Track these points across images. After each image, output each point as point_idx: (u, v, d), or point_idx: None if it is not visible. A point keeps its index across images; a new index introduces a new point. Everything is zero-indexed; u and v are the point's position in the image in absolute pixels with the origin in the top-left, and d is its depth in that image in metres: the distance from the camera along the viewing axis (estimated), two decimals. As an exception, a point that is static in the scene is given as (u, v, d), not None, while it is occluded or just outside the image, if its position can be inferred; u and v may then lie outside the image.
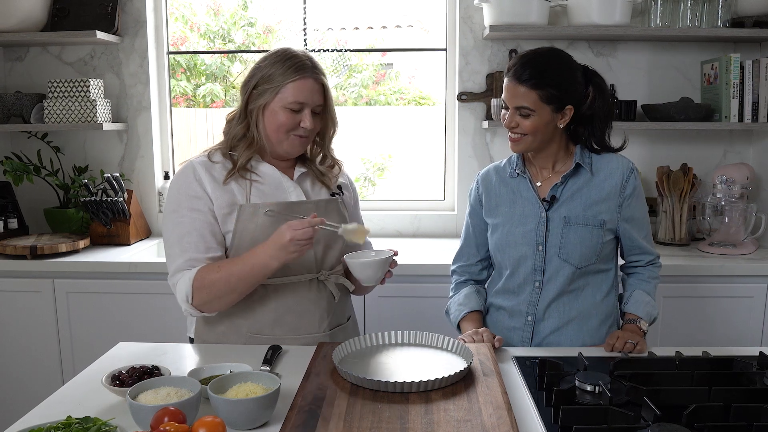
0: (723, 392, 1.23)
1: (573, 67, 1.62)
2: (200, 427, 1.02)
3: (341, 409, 1.17)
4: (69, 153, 2.98)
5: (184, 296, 1.49)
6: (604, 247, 1.65)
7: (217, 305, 1.52)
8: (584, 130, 1.67)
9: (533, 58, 1.59)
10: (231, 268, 1.47)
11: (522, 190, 1.70)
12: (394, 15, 4.42)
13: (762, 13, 2.65)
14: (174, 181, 1.58)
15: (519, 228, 1.67)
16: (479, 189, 1.79)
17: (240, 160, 1.57)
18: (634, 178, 1.65)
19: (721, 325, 2.45)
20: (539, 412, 1.20)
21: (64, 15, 2.82)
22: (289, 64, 1.52)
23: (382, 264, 1.51)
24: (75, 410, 1.18)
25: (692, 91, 2.86)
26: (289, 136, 1.56)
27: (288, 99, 1.52)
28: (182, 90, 4.24)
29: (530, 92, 1.56)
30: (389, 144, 4.04)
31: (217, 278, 1.47)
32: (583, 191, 1.65)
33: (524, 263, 1.67)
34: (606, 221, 1.63)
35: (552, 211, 1.65)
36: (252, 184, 1.58)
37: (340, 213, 1.67)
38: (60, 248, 2.57)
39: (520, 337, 1.69)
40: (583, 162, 1.65)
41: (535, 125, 1.59)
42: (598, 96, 1.63)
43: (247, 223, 1.54)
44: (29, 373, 2.56)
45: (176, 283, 1.52)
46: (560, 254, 1.63)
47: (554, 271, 1.64)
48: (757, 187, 2.82)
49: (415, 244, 2.86)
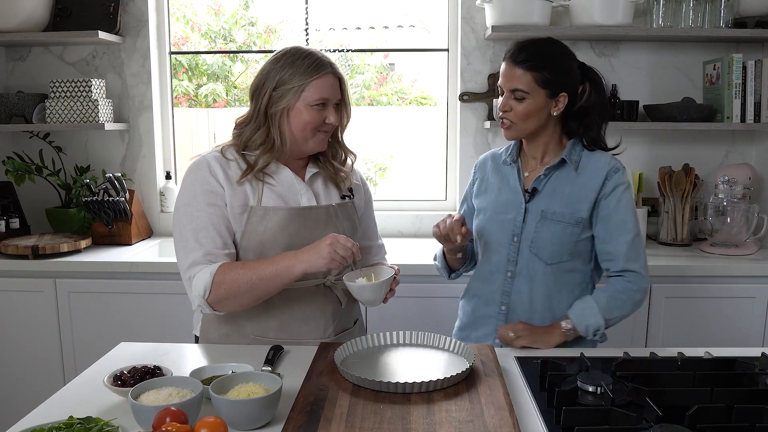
0: (725, 393, 1.23)
1: (569, 55, 1.62)
2: (202, 428, 1.02)
3: (343, 410, 1.17)
4: (71, 153, 2.98)
5: (202, 290, 1.46)
6: (578, 246, 1.62)
7: (233, 304, 1.50)
8: (579, 125, 1.65)
9: (530, 43, 1.60)
10: (256, 267, 1.46)
11: (510, 179, 1.70)
12: (395, 15, 4.42)
13: (764, 13, 2.64)
14: (188, 174, 1.56)
15: (500, 216, 1.67)
16: (475, 174, 1.82)
17: (259, 163, 1.55)
18: (618, 177, 1.61)
19: (723, 326, 2.45)
20: (541, 412, 1.20)
21: (66, 15, 2.83)
22: (308, 63, 1.51)
23: (381, 287, 1.48)
24: (77, 410, 1.18)
25: (694, 91, 2.86)
26: (315, 133, 1.56)
27: (312, 97, 1.51)
28: (184, 90, 4.24)
29: (525, 74, 1.56)
30: (391, 144, 4.04)
31: (239, 275, 1.45)
32: (565, 187, 1.63)
33: (498, 252, 1.67)
34: (583, 219, 1.60)
35: (532, 203, 1.64)
36: (264, 186, 1.56)
37: (350, 216, 1.66)
38: (62, 248, 2.57)
39: (494, 324, 1.68)
40: (570, 158, 1.63)
41: (527, 109, 1.58)
42: (594, 91, 1.63)
43: (256, 225, 1.53)
44: (31, 373, 2.56)
45: (193, 276, 1.47)
46: (531, 248, 1.62)
47: (525, 264, 1.64)
48: (759, 187, 2.82)
49: (416, 244, 2.86)
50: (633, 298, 1.61)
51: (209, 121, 3.98)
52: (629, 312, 1.63)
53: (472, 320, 1.74)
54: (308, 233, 1.55)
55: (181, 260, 1.51)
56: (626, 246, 1.60)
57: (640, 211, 2.68)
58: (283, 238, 1.54)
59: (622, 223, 1.60)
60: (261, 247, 1.53)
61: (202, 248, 1.48)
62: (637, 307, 1.63)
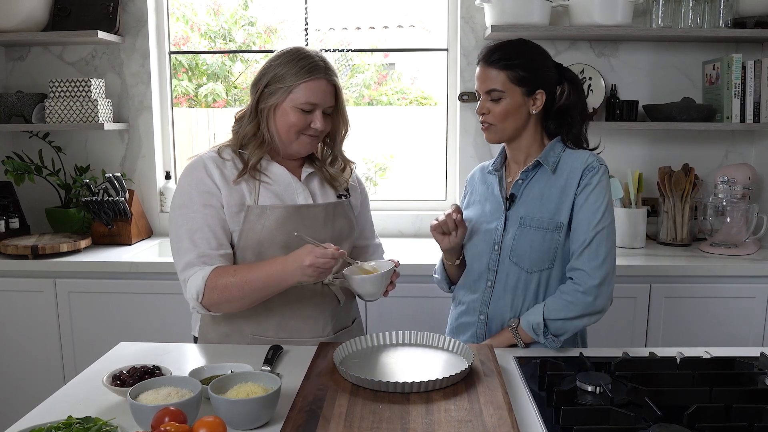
0: (724, 393, 1.22)
1: (542, 53, 1.61)
2: (201, 427, 1.02)
3: (342, 410, 1.17)
4: (70, 153, 2.98)
5: (195, 294, 1.47)
6: (560, 252, 1.56)
7: (227, 308, 1.51)
8: (560, 125, 1.63)
9: (502, 44, 1.59)
10: (246, 276, 1.45)
11: (494, 188, 1.68)
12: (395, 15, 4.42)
13: (764, 13, 2.64)
14: (184, 175, 1.56)
15: (483, 225, 1.65)
16: (466, 188, 1.82)
17: (251, 159, 1.55)
18: (591, 176, 1.53)
19: (723, 326, 2.45)
20: (540, 412, 1.19)
21: (66, 15, 2.83)
22: (302, 65, 1.50)
23: (382, 279, 1.48)
24: (76, 410, 1.18)
25: (694, 91, 2.86)
26: (300, 136, 1.55)
27: (300, 99, 1.51)
28: (184, 90, 4.24)
29: (500, 73, 1.55)
30: (391, 144, 4.04)
31: (231, 282, 1.45)
32: (544, 191, 1.58)
33: (479, 260, 1.65)
34: (563, 224, 1.55)
35: (511, 210, 1.62)
36: (261, 185, 1.56)
37: (346, 216, 1.66)
38: (61, 248, 2.57)
39: (474, 333, 1.67)
40: (546, 159, 1.58)
41: (505, 110, 1.56)
42: (573, 90, 1.61)
43: (253, 224, 1.54)
44: (30, 372, 2.57)
45: (187, 279, 1.49)
46: (511, 256, 1.58)
47: (504, 273, 1.60)
48: (758, 187, 2.82)
49: (416, 244, 2.87)
50: (579, 300, 1.50)
51: (209, 121, 3.98)
52: (580, 314, 1.51)
53: (455, 327, 1.74)
54: (306, 231, 1.55)
55: (176, 261, 1.52)
56: (579, 245, 1.53)
57: (639, 211, 2.69)
58: (281, 236, 1.54)
59: (584, 221, 1.53)
60: (259, 245, 1.53)
61: (196, 249, 1.49)
62: (590, 310, 1.51)
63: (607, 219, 1.54)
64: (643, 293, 2.43)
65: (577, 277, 1.53)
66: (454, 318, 1.75)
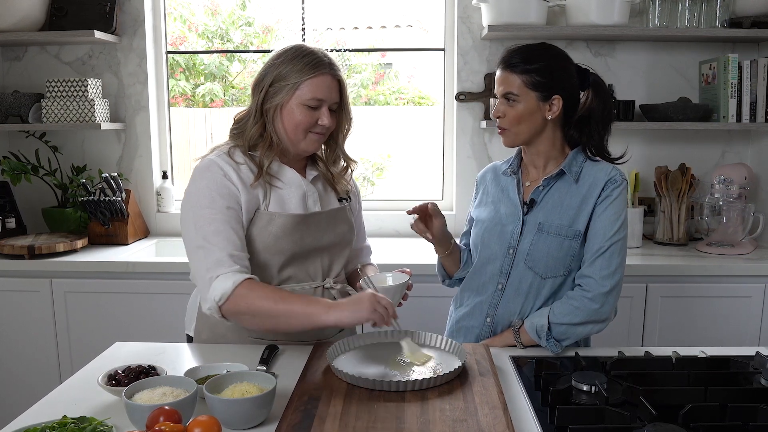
0: (719, 392, 1.23)
1: (564, 57, 1.59)
2: (196, 427, 1.02)
3: (337, 409, 1.17)
4: (67, 152, 2.98)
5: (219, 295, 1.38)
6: (576, 260, 1.57)
7: (246, 321, 1.46)
8: (581, 133, 1.61)
9: (522, 48, 1.58)
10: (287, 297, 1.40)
11: (509, 190, 1.67)
12: (393, 15, 4.43)
13: (760, 13, 2.65)
14: (200, 177, 1.50)
15: (498, 227, 1.64)
16: (477, 187, 1.79)
17: (264, 164, 1.52)
18: (612, 189, 1.55)
19: (719, 325, 2.45)
20: (535, 411, 1.20)
21: (63, 14, 2.82)
22: (306, 61, 1.48)
23: (398, 289, 1.50)
24: (71, 410, 1.18)
25: (690, 91, 2.86)
26: (308, 134, 1.53)
27: (306, 96, 1.49)
28: (181, 90, 4.24)
29: (517, 78, 1.54)
30: (388, 144, 4.04)
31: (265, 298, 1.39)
32: (564, 199, 1.58)
33: (492, 263, 1.64)
34: (580, 233, 1.55)
35: (529, 215, 1.61)
36: (272, 189, 1.54)
37: (347, 220, 1.66)
38: (58, 248, 2.56)
39: (477, 336, 1.66)
40: (570, 169, 1.58)
41: (519, 114, 1.55)
42: (596, 97, 1.59)
43: (261, 230, 1.51)
44: (27, 372, 2.56)
45: (215, 277, 1.39)
46: (526, 261, 1.58)
47: (518, 277, 1.60)
48: (755, 187, 2.82)
49: (413, 244, 2.86)
50: (586, 306, 1.52)
51: (206, 121, 3.98)
52: (585, 321, 1.52)
53: (455, 329, 1.73)
54: (311, 239, 1.54)
55: (200, 261, 1.43)
56: (593, 254, 1.54)
57: (636, 210, 2.70)
58: (287, 244, 1.52)
59: (600, 230, 1.54)
60: (264, 251, 1.51)
61: (225, 249, 1.42)
62: (595, 317, 1.52)
63: (623, 232, 1.55)
64: (639, 293, 2.43)
65: (585, 283, 1.54)
66: (455, 320, 1.74)
